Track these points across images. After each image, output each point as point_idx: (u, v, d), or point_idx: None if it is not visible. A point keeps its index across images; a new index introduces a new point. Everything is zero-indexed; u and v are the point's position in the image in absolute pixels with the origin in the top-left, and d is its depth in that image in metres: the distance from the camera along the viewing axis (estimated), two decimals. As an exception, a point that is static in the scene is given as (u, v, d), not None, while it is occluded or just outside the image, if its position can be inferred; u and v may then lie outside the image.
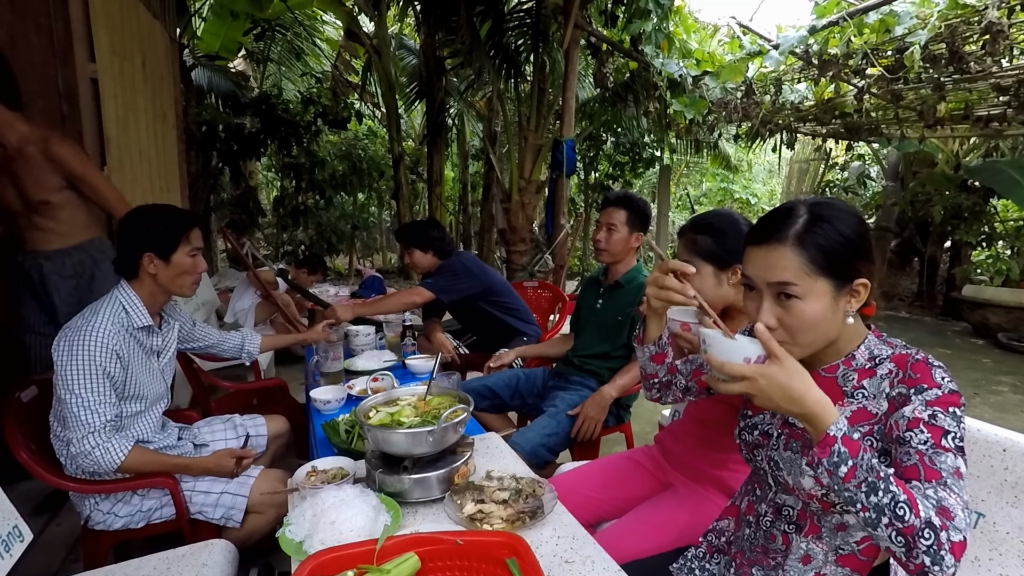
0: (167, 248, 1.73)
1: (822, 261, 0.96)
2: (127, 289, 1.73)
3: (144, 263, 1.71)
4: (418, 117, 10.71)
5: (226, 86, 6.69)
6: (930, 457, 0.87)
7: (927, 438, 0.88)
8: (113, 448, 1.56)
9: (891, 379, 0.98)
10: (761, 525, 1.16)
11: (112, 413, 1.59)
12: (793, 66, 5.67)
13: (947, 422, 0.89)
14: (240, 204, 7.20)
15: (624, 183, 9.93)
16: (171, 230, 1.74)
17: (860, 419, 1.00)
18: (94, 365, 1.56)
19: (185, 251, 1.76)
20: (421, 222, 3.14)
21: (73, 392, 1.54)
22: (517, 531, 1.20)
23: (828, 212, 0.98)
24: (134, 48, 3.13)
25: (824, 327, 0.99)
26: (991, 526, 1.12)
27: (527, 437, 2.12)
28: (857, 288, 0.98)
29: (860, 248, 0.97)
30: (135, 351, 1.70)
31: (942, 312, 7.58)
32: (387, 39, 8.10)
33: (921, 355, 0.97)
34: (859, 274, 0.97)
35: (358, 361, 2.49)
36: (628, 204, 2.30)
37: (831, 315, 0.98)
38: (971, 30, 4.19)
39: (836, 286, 0.97)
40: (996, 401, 4.34)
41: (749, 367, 0.91)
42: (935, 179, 7.33)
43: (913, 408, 0.91)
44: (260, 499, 1.73)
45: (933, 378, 0.93)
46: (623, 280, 2.36)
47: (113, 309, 1.67)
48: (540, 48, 5.59)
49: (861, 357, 1.04)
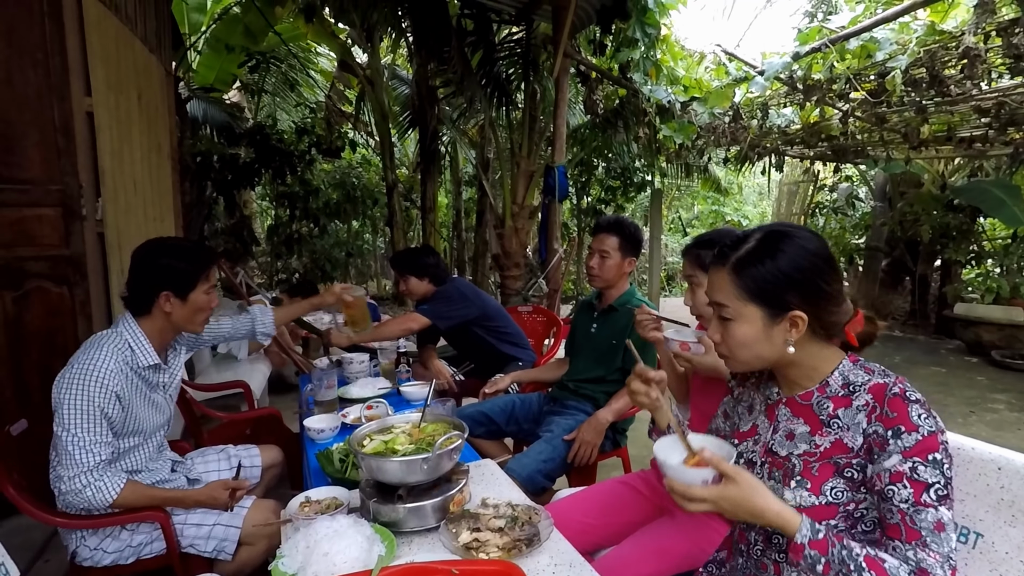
0: (186, 287, 1.66)
1: (753, 289, 1.01)
2: (134, 327, 1.66)
3: (160, 301, 1.64)
4: (411, 145, 10.82)
5: (221, 117, 6.76)
6: (911, 516, 0.91)
7: (908, 495, 0.91)
8: (105, 487, 1.53)
9: (867, 412, 0.98)
10: (752, 554, 1.16)
11: (107, 453, 1.56)
12: (779, 91, 5.79)
13: (928, 473, 0.91)
14: (234, 233, 7.20)
15: (616, 207, 10.02)
16: (193, 268, 1.67)
17: (838, 451, 1.01)
18: (92, 405, 1.52)
19: (203, 289, 1.70)
20: (416, 249, 3.15)
21: (68, 430, 1.51)
22: (514, 559, 1.18)
23: (776, 244, 1.01)
24: (130, 82, 3.17)
25: (758, 349, 1.03)
26: (990, 546, 1.11)
27: (523, 463, 2.10)
28: (794, 319, 1.00)
29: (796, 282, 0.99)
30: (138, 388, 1.66)
31: (935, 330, 7.61)
32: (380, 69, 8.23)
33: (899, 387, 0.96)
34: (792, 306, 0.99)
35: (352, 389, 2.48)
36: (620, 230, 2.31)
37: (764, 340, 1.02)
38: (950, 55, 4.30)
39: (768, 314, 1.01)
40: (992, 419, 4.34)
41: (709, 490, 0.95)
42: (922, 199, 7.44)
43: (893, 462, 0.93)
44: (252, 530, 1.70)
45: (910, 418, 0.93)
46: (617, 304, 2.36)
47: (118, 347, 1.61)
48: (531, 77, 5.69)
49: (835, 383, 1.04)
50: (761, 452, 1.12)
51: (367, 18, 5.60)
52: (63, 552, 1.82)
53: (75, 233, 2.68)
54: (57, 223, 2.65)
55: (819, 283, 1.00)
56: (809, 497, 1.01)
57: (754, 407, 1.19)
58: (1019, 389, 5.08)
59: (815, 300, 1.00)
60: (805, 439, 1.05)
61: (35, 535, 2.38)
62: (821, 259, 1.01)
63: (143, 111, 3.37)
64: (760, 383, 1.20)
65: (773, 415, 1.12)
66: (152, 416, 1.72)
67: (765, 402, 1.16)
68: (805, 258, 1.00)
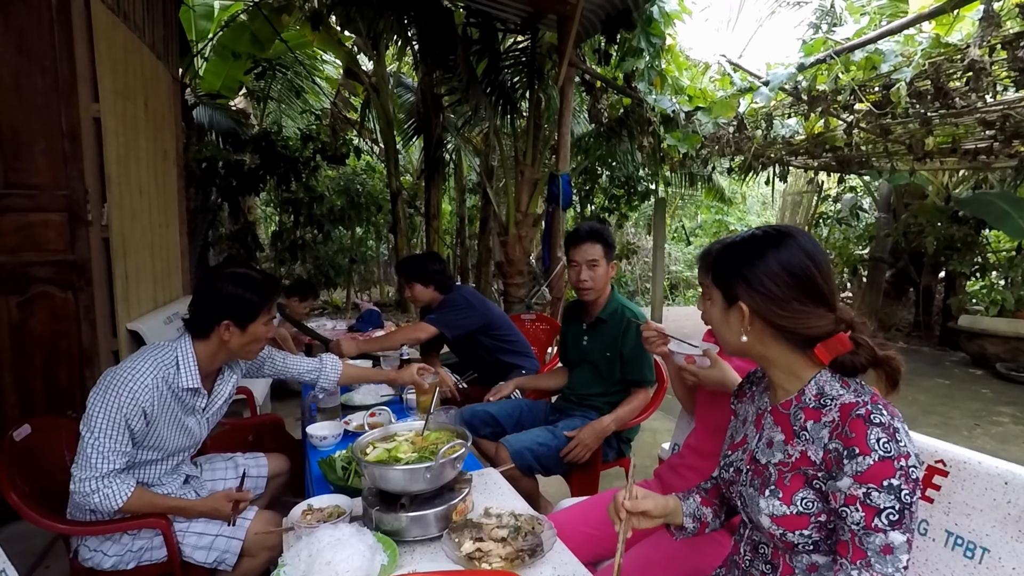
0: (249, 318, 1.65)
1: (716, 273, 1.11)
2: (188, 347, 1.65)
3: (220, 329, 1.63)
4: (416, 152, 10.86)
5: (227, 124, 6.79)
6: (860, 538, 0.93)
7: (860, 518, 0.92)
8: (113, 494, 1.53)
9: (831, 428, 0.99)
10: (742, 564, 1.17)
11: (122, 462, 1.55)
12: (783, 102, 5.79)
13: (882, 499, 0.91)
14: (239, 239, 7.23)
15: (620, 215, 10.03)
16: (258, 300, 1.65)
17: (803, 464, 1.02)
18: (120, 414, 1.52)
19: (263, 320, 1.68)
20: (422, 255, 3.15)
21: (92, 432, 1.52)
22: (516, 570, 1.18)
23: (749, 240, 1.07)
24: (137, 88, 3.20)
25: (723, 331, 1.12)
26: (996, 561, 1.10)
27: (519, 438, 2.14)
28: (741, 310, 1.05)
29: (743, 277, 1.04)
30: (169, 408, 1.63)
31: (939, 342, 7.58)
32: (386, 77, 8.27)
33: (865, 409, 0.95)
34: (739, 297, 1.05)
35: (355, 396, 2.47)
36: (601, 237, 2.32)
37: (724, 322, 1.10)
38: (955, 67, 4.29)
39: (724, 299, 1.09)
40: (997, 432, 4.31)
41: None
42: (926, 210, 7.43)
43: (846, 484, 0.94)
44: (254, 540, 1.69)
45: (867, 441, 0.92)
46: (605, 316, 2.35)
47: (163, 363, 1.60)
48: (535, 85, 5.71)
49: (809, 393, 1.05)
50: (747, 460, 1.14)
51: (373, 26, 5.62)
52: (64, 558, 1.82)
53: (80, 239, 2.69)
54: (63, 228, 2.66)
55: (767, 283, 1.02)
56: (781, 507, 1.02)
57: (747, 419, 1.21)
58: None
59: (759, 298, 1.03)
60: (781, 448, 1.07)
61: (36, 541, 2.38)
62: (779, 264, 1.02)
63: (150, 117, 3.40)
64: (756, 395, 1.21)
65: (760, 424, 1.14)
66: (177, 438, 1.70)
67: (756, 412, 1.18)
68: (764, 258, 1.03)
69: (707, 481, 1.35)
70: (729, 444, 1.23)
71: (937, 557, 1.19)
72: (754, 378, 1.27)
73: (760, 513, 1.04)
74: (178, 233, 3.95)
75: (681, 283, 14.39)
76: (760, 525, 1.05)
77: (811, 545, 1.02)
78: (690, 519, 1.25)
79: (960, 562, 1.15)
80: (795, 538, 1.01)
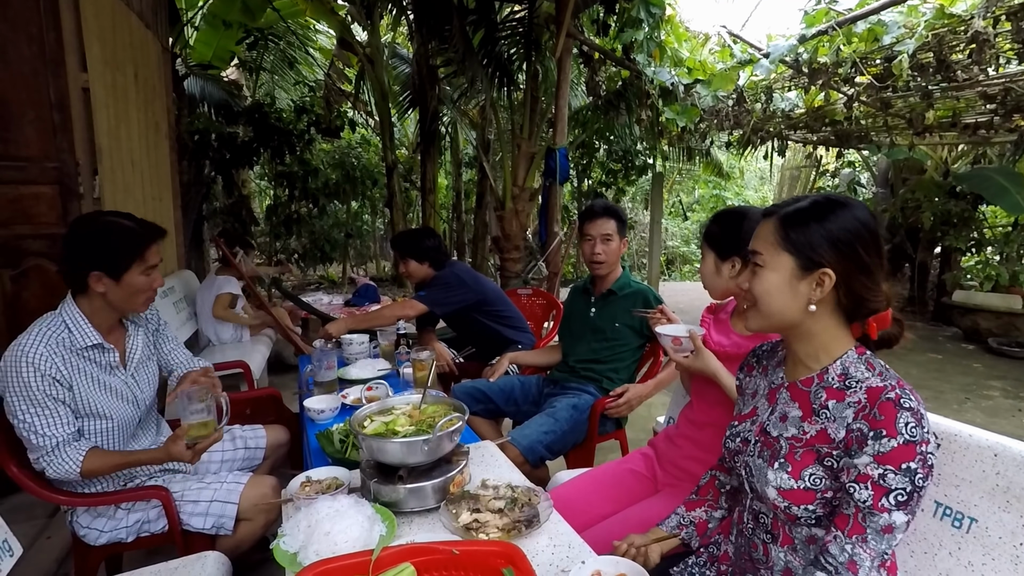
0: (118, 268, 1.58)
1: (791, 239, 1.01)
2: (71, 306, 1.61)
3: (91, 281, 1.57)
4: (411, 125, 10.73)
5: (219, 95, 6.68)
6: (864, 515, 0.93)
7: (868, 496, 0.92)
8: (66, 460, 1.52)
9: (857, 409, 0.98)
10: (744, 532, 1.19)
11: (66, 432, 1.54)
12: (783, 74, 5.72)
13: (896, 480, 0.91)
14: (233, 213, 7.16)
15: (617, 190, 9.97)
16: (120, 251, 1.58)
17: (821, 440, 1.02)
18: (29, 391, 1.49)
19: (139, 270, 1.61)
20: (417, 231, 3.13)
21: (16, 416, 1.50)
22: (513, 540, 1.19)
23: (828, 207, 1.02)
24: (126, 58, 3.13)
25: (780, 300, 1.03)
26: (984, 531, 1.12)
27: (525, 434, 2.14)
28: (821, 278, 1.00)
29: (835, 240, 0.99)
30: (82, 371, 1.60)
31: (933, 317, 7.63)
32: (380, 48, 8.12)
33: (895, 392, 0.95)
34: (824, 263, 0.99)
35: (352, 370, 2.48)
36: (615, 214, 2.40)
37: (788, 291, 1.03)
38: (958, 39, 4.24)
39: (799, 265, 1.01)
40: (987, 406, 4.37)
41: None
42: (924, 186, 7.40)
43: (864, 462, 0.93)
44: (249, 506, 1.70)
45: (896, 424, 0.92)
46: (616, 288, 2.40)
47: (52, 329, 1.56)
48: (532, 57, 5.62)
49: (833, 372, 1.04)
50: (756, 431, 1.14)
51: (367, -6, 5.52)
52: (65, 529, 1.84)
53: (73, 211, 2.66)
54: (54, 201, 2.64)
55: (858, 249, 0.99)
56: (788, 480, 1.02)
57: (758, 392, 1.21)
58: (1015, 376, 5.11)
59: (849, 265, 0.99)
60: (795, 423, 1.07)
61: (37, 512, 2.41)
62: (867, 229, 1.00)
63: (140, 88, 3.33)
64: (768, 369, 1.21)
65: (774, 398, 1.14)
66: (109, 399, 1.65)
67: (769, 386, 1.18)
68: (851, 222, 1.00)
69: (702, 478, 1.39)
70: (736, 415, 1.24)
71: (925, 527, 1.21)
72: (760, 352, 1.27)
73: (768, 484, 1.04)
74: (171, 207, 3.91)
75: (678, 258, 14.38)
76: (765, 496, 1.06)
77: (813, 519, 1.03)
78: (680, 529, 1.32)
79: (948, 531, 1.17)
80: (799, 512, 1.02)
